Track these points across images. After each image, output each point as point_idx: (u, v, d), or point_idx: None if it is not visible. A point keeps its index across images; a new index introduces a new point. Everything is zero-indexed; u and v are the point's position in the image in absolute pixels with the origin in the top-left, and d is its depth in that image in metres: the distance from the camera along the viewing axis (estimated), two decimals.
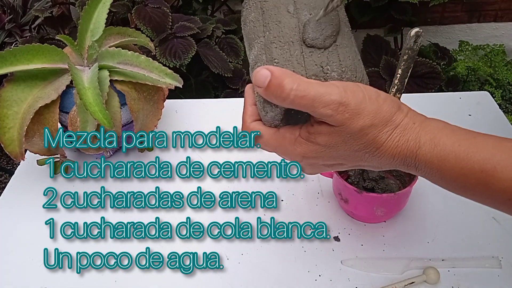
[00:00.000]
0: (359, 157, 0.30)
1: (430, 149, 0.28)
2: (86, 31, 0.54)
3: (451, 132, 0.29)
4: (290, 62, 0.30)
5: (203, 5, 1.36)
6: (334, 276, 0.45)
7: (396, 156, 0.29)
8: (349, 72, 0.31)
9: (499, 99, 1.33)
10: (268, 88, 0.28)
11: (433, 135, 0.29)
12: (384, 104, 0.28)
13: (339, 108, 0.27)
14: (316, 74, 0.30)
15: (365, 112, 0.28)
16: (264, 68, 0.28)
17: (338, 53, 0.31)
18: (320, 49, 0.31)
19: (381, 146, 0.29)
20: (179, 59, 0.98)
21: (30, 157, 0.58)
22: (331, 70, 0.30)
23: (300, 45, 0.31)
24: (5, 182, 1.39)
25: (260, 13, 0.33)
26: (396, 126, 0.29)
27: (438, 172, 0.29)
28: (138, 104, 0.53)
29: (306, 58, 0.30)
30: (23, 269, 0.47)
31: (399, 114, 0.29)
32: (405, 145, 0.29)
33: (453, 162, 0.28)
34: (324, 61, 0.30)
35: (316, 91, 0.27)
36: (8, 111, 0.50)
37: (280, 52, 0.31)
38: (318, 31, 0.30)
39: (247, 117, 0.32)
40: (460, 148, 0.28)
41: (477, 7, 1.52)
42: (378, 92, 0.29)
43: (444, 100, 0.67)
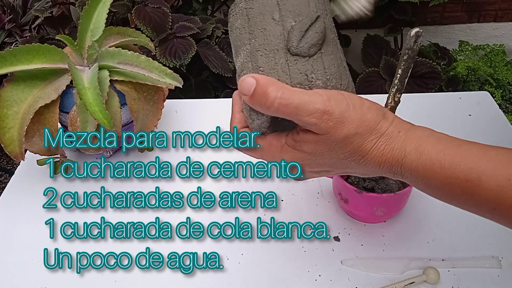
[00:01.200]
0: (345, 165, 0.31)
1: (415, 158, 0.28)
2: (86, 31, 0.54)
3: (436, 140, 0.29)
4: (275, 70, 0.30)
5: (203, 5, 1.36)
6: (334, 276, 0.45)
7: (382, 164, 0.29)
8: (334, 80, 0.31)
9: (499, 99, 1.33)
10: (253, 96, 0.28)
11: (418, 143, 0.29)
12: (368, 112, 0.29)
13: (323, 116, 0.28)
14: (301, 83, 0.30)
15: (349, 120, 0.28)
16: (249, 76, 0.29)
17: (323, 61, 0.31)
18: (305, 57, 0.31)
19: (366, 154, 0.29)
20: (179, 59, 0.98)
21: (30, 157, 0.58)
22: (315, 78, 0.30)
23: (285, 53, 0.31)
24: (5, 182, 1.39)
25: (246, 20, 0.32)
26: (381, 134, 0.29)
27: (424, 180, 0.29)
28: (138, 104, 0.53)
29: (291, 66, 0.30)
30: (23, 269, 0.47)
31: (384, 122, 0.29)
32: (391, 154, 0.29)
33: (438, 171, 0.28)
34: (308, 69, 0.30)
35: (300, 99, 0.28)
36: (8, 111, 0.50)
37: (265, 60, 0.31)
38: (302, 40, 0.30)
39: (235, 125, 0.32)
40: (445, 157, 0.28)
41: (477, 7, 1.52)
42: (362, 100, 0.29)
43: (444, 100, 0.67)
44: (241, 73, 0.32)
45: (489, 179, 0.27)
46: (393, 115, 0.30)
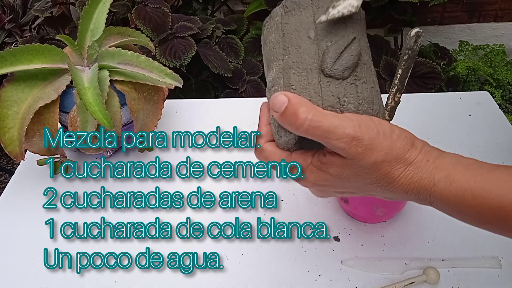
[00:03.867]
0: (371, 189, 0.31)
1: (445, 186, 0.28)
2: (86, 31, 0.54)
3: (465, 167, 0.29)
4: (307, 90, 0.30)
5: (203, 5, 1.36)
6: (334, 276, 0.45)
7: (410, 192, 0.29)
8: (366, 105, 0.30)
9: (499, 99, 1.33)
10: (283, 114, 0.28)
11: (448, 172, 0.28)
12: (398, 140, 0.29)
13: (353, 142, 0.28)
14: (332, 105, 0.30)
15: (378, 147, 0.28)
16: (282, 94, 0.29)
17: (356, 85, 0.30)
18: (339, 79, 0.30)
19: (394, 181, 0.29)
20: (179, 59, 0.98)
21: (30, 157, 0.58)
22: (347, 102, 0.30)
23: (318, 73, 0.30)
24: (5, 182, 1.39)
25: (281, 35, 0.32)
26: (409, 163, 0.29)
27: (455, 208, 0.29)
28: (138, 104, 0.53)
29: (323, 87, 0.30)
30: (23, 269, 0.47)
31: (413, 151, 0.29)
32: (419, 183, 0.29)
33: (469, 198, 0.28)
34: (341, 92, 0.30)
35: (330, 123, 0.28)
36: (8, 111, 0.50)
37: (298, 79, 0.31)
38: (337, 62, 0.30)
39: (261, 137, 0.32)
40: (476, 184, 0.28)
41: (477, 7, 1.52)
42: (393, 127, 0.29)
43: (444, 100, 0.67)
44: (272, 88, 0.32)
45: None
46: (423, 143, 0.30)
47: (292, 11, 0.32)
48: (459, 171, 0.28)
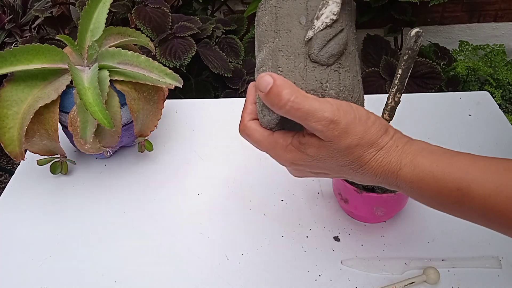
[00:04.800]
0: (344, 171, 0.32)
1: (410, 170, 0.30)
2: (86, 31, 0.54)
3: (429, 153, 0.30)
4: (293, 73, 0.31)
5: (203, 5, 1.36)
6: (334, 276, 0.45)
7: (379, 175, 0.31)
8: (346, 92, 0.32)
9: (499, 99, 1.33)
10: (268, 94, 0.30)
11: (413, 156, 0.30)
12: (372, 126, 0.30)
13: (330, 125, 0.29)
14: (315, 89, 0.31)
15: (353, 132, 0.30)
16: (268, 75, 0.30)
17: (340, 72, 0.32)
18: (323, 65, 0.32)
19: (365, 164, 0.31)
20: (179, 59, 0.98)
21: (30, 157, 0.58)
22: (329, 88, 0.31)
23: (305, 58, 0.32)
24: (5, 182, 1.39)
25: (274, 18, 0.33)
26: (380, 148, 0.30)
27: (418, 191, 0.31)
28: (138, 104, 0.53)
29: (308, 72, 0.31)
30: (23, 269, 0.47)
31: (385, 137, 0.31)
32: (387, 166, 0.31)
33: (431, 181, 0.30)
34: (324, 78, 0.31)
35: (311, 105, 0.29)
36: (8, 111, 0.50)
37: (285, 62, 0.32)
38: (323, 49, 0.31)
39: (246, 115, 0.34)
40: (437, 168, 0.29)
41: (477, 7, 1.52)
42: (369, 114, 0.31)
43: (444, 100, 0.67)
44: (260, 69, 0.33)
45: (478, 187, 0.28)
46: (395, 131, 0.32)
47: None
48: (423, 156, 0.30)
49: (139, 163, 0.59)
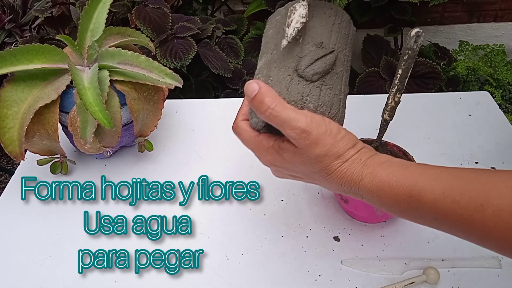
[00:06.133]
0: (314, 178, 0.36)
1: (370, 180, 0.33)
2: (86, 31, 0.54)
3: (388, 165, 0.33)
4: (279, 84, 0.35)
5: (203, 5, 1.36)
6: (334, 276, 0.45)
7: (343, 184, 0.34)
8: (324, 107, 0.35)
9: (499, 99, 1.33)
10: (253, 99, 0.33)
11: (374, 168, 0.33)
12: (341, 140, 0.34)
13: (302, 134, 0.33)
14: (295, 101, 0.34)
15: (323, 143, 0.33)
16: (255, 82, 0.34)
17: (321, 89, 0.35)
18: (308, 81, 0.35)
19: (331, 173, 0.34)
20: (180, 60, 0.98)
21: (30, 157, 0.58)
22: (309, 101, 0.35)
23: (293, 72, 0.35)
24: (5, 182, 1.39)
25: (276, 32, 0.37)
26: (346, 160, 0.34)
27: (378, 199, 0.33)
28: (138, 104, 0.53)
29: (293, 84, 0.35)
30: (23, 269, 0.47)
31: (351, 150, 0.34)
32: (350, 177, 0.34)
33: (388, 190, 0.32)
34: (306, 92, 0.35)
35: (288, 115, 0.33)
36: (8, 111, 0.50)
37: (276, 72, 0.35)
38: (309, 66, 0.35)
39: (240, 115, 0.37)
40: (393, 178, 0.32)
41: (477, 7, 1.52)
42: (340, 129, 0.34)
43: (444, 100, 0.67)
44: (257, 75, 0.37)
45: (427, 193, 0.31)
46: (362, 146, 0.35)
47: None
48: (382, 168, 0.33)
49: (139, 163, 0.59)
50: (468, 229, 0.30)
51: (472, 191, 0.29)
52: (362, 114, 0.63)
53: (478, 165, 0.56)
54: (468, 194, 0.29)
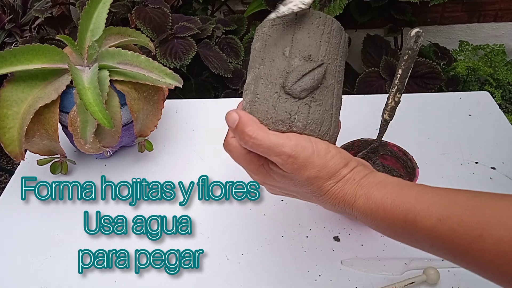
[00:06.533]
0: (308, 197, 0.35)
1: (364, 202, 0.32)
2: (86, 31, 0.54)
3: (383, 186, 0.32)
4: (267, 102, 0.33)
5: (203, 5, 1.36)
6: (334, 276, 0.45)
7: (337, 205, 0.33)
8: (314, 125, 0.33)
9: (499, 99, 1.33)
10: (234, 130, 0.33)
11: (368, 189, 0.32)
12: (331, 160, 0.32)
13: (289, 159, 0.31)
14: (283, 120, 0.33)
15: (312, 165, 0.32)
16: (234, 112, 0.33)
17: (310, 106, 0.33)
18: (295, 98, 0.33)
19: (324, 194, 0.33)
20: (180, 60, 0.98)
21: (30, 157, 0.58)
22: (297, 120, 0.33)
23: (280, 88, 0.33)
24: (5, 182, 1.39)
25: (263, 45, 0.35)
26: (338, 180, 0.32)
27: (372, 221, 0.32)
28: (138, 104, 0.53)
29: (280, 102, 0.33)
30: (23, 269, 0.47)
31: (344, 169, 0.33)
32: (344, 198, 0.32)
33: (382, 213, 0.31)
34: (294, 110, 0.33)
35: (270, 141, 0.31)
36: (8, 111, 0.50)
37: (263, 89, 0.33)
38: (297, 83, 0.33)
39: (230, 132, 0.36)
40: (387, 200, 0.31)
41: (477, 7, 1.52)
42: (329, 148, 0.33)
43: (444, 100, 0.67)
44: (245, 92, 0.35)
45: (424, 219, 0.29)
46: (356, 164, 0.34)
47: (277, 25, 0.35)
48: (377, 189, 0.32)
49: (139, 163, 0.59)
50: (466, 259, 0.28)
51: (471, 219, 0.27)
52: (362, 114, 0.63)
53: (478, 165, 0.56)
54: (466, 222, 0.27)
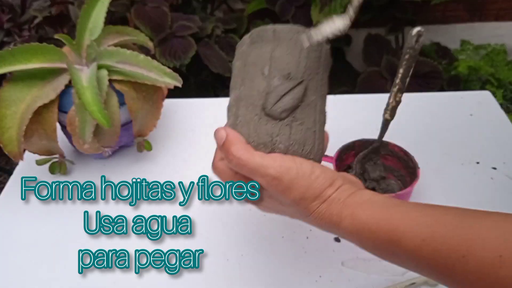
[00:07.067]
0: (297, 217, 0.35)
1: (349, 223, 0.32)
2: (84, 30, 0.54)
3: (369, 205, 0.32)
4: (248, 124, 0.33)
5: (202, 4, 1.36)
6: (334, 277, 0.45)
7: (323, 225, 0.33)
8: (296, 146, 0.33)
9: (501, 99, 1.32)
10: (221, 148, 0.33)
11: (353, 210, 0.32)
12: (315, 181, 0.32)
13: (273, 181, 0.31)
14: (265, 143, 0.33)
15: (296, 187, 0.32)
16: (222, 129, 0.33)
17: (291, 126, 0.33)
18: (276, 119, 0.32)
19: (310, 215, 0.33)
20: (179, 59, 0.98)
21: (29, 157, 0.57)
22: (279, 142, 0.32)
23: (260, 110, 0.33)
24: (4, 182, 1.39)
25: (243, 64, 0.34)
26: (324, 200, 0.32)
27: (359, 242, 0.32)
28: (137, 104, 0.53)
29: (261, 125, 0.33)
30: (23, 269, 0.47)
31: (329, 189, 0.32)
32: (329, 218, 0.32)
33: (367, 234, 0.31)
34: (275, 132, 0.33)
35: (255, 163, 0.32)
36: (7, 111, 0.49)
37: (244, 112, 0.33)
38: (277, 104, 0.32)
39: (218, 154, 0.36)
40: (372, 220, 0.31)
41: (478, 6, 1.51)
42: (314, 169, 0.33)
43: (445, 99, 0.67)
44: (228, 114, 0.35)
45: (408, 240, 0.29)
46: (342, 182, 0.33)
47: (256, 44, 0.34)
48: (362, 209, 0.32)
49: (138, 163, 0.59)
50: (450, 280, 0.28)
51: (454, 240, 0.27)
52: (363, 114, 0.63)
53: (479, 165, 0.56)
54: (450, 243, 0.27)
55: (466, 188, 0.53)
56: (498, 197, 0.52)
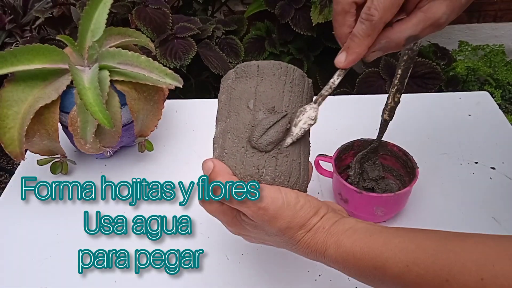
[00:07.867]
0: (282, 246, 0.36)
1: (334, 250, 0.32)
2: (86, 32, 0.54)
3: (353, 232, 0.32)
4: (234, 157, 0.34)
5: (203, 6, 1.36)
6: (334, 276, 0.45)
7: (309, 254, 0.34)
8: (282, 177, 0.34)
9: (499, 99, 1.33)
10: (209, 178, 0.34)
11: (338, 237, 0.32)
12: (300, 210, 0.33)
13: (259, 211, 0.32)
14: (251, 175, 0.33)
15: (282, 216, 0.32)
16: (210, 161, 0.34)
17: (277, 158, 0.34)
18: (262, 152, 0.33)
19: (296, 244, 0.34)
20: (180, 60, 0.98)
21: (30, 157, 0.58)
22: (265, 174, 0.33)
23: (247, 143, 0.34)
24: (5, 182, 1.39)
25: (228, 98, 0.35)
26: (309, 229, 0.33)
27: (345, 269, 0.33)
28: (138, 104, 0.53)
29: (247, 157, 0.33)
30: (23, 269, 0.47)
31: (314, 218, 0.33)
32: (315, 247, 0.33)
33: (352, 261, 0.32)
34: (261, 164, 0.33)
35: None
36: (9, 111, 0.50)
37: (230, 144, 0.34)
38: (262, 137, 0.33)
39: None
40: (356, 248, 0.31)
41: (476, 7, 1.52)
42: (298, 198, 0.33)
43: (444, 100, 0.67)
44: (214, 145, 0.36)
45: (392, 266, 0.30)
46: (326, 211, 0.34)
47: (240, 78, 0.35)
48: (346, 236, 0.32)
49: (139, 163, 0.59)
50: None
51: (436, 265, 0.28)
52: (362, 114, 0.63)
53: (478, 165, 0.56)
54: (432, 268, 0.28)
55: (464, 188, 0.54)
56: (496, 196, 0.52)
